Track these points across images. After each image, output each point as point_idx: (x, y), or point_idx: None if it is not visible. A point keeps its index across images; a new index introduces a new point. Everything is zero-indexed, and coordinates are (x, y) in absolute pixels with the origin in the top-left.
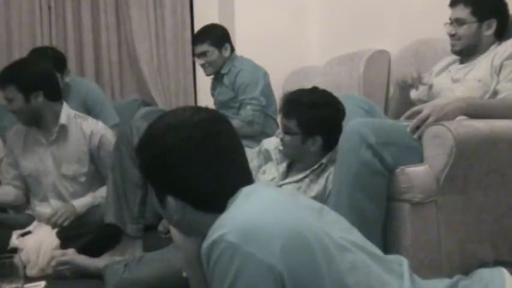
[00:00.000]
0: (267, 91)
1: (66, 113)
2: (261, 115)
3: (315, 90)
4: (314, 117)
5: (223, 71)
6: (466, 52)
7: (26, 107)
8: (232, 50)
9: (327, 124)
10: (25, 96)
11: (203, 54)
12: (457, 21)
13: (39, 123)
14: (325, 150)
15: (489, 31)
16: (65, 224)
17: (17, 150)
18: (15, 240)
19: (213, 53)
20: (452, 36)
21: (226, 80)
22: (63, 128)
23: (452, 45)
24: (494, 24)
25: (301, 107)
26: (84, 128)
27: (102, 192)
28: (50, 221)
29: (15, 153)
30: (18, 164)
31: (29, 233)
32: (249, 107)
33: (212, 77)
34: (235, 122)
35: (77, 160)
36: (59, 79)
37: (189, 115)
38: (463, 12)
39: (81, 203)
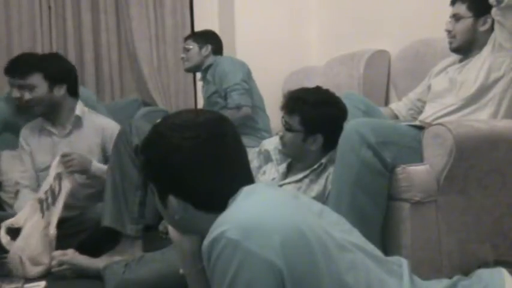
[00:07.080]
0: (249, 81)
1: (81, 107)
2: (248, 98)
3: (318, 89)
4: (318, 115)
5: (204, 66)
6: (464, 49)
7: (47, 96)
8: (217, 53)
9: (329, 123)
10: (50, 85)
11: (185, 49)
12: (454, 17)
13: (54, 116)
14: (324, 150)
15: (484, 27)
16: (71, 169)
17: (32, 146)
18: (3, 235)
19: (193, 49)
20: (449, 33)
21: (209, 76)
22: (78, 120)
23: (450, 43)
24: (489, 20)
25: (306, 105)
26: (97, 122)
27: None
28: (62, 157)
29: (31, 150)
30: (34, 159)
31: (18, 230)
32: (233, 93)
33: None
34: (226, 113)
35: (88, 151)
36: None
37: (193, 116)
38: (460, 7)
39: (97, 165)
